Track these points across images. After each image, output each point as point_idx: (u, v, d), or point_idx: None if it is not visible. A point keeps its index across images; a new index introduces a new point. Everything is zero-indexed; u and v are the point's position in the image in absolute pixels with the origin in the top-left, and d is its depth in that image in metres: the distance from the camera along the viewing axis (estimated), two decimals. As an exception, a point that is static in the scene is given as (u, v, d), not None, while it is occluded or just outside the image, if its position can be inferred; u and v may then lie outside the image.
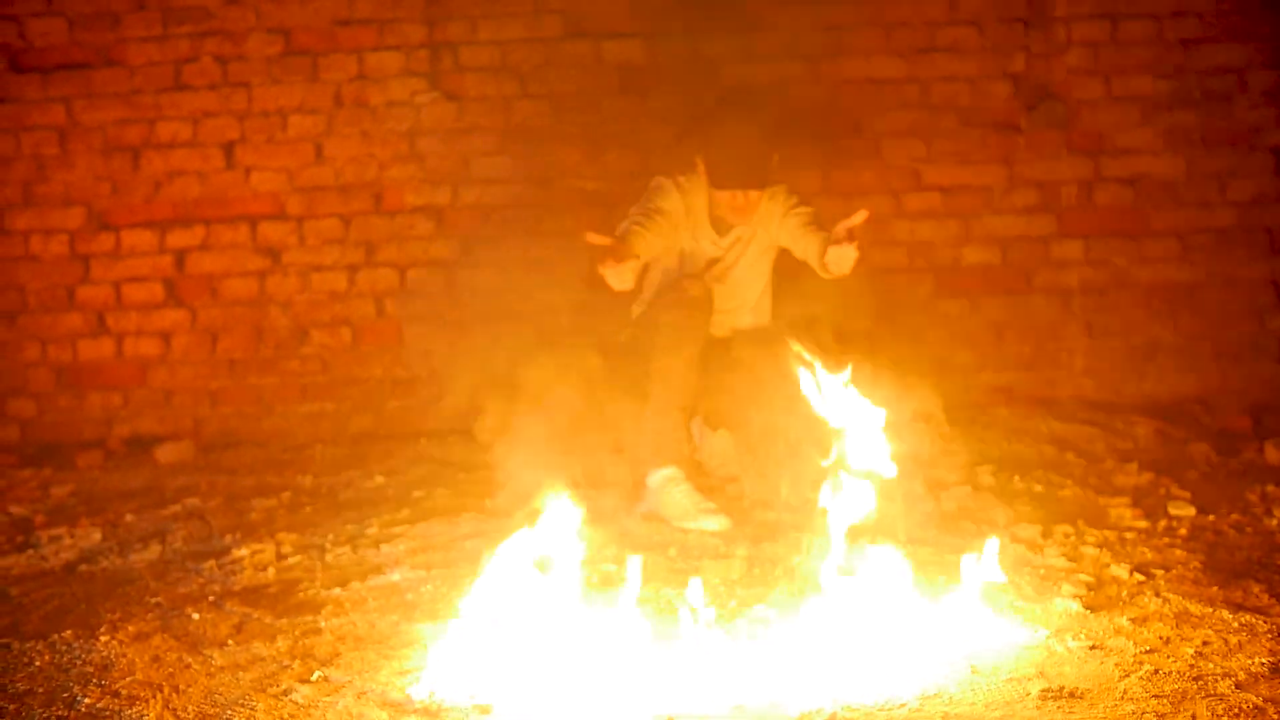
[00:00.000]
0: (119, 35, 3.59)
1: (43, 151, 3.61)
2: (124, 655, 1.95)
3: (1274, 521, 2.50)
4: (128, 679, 1.86)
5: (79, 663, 1.93)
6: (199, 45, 3.59)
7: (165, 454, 3.46)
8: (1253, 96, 3.55)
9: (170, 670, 1.89)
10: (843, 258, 2.52)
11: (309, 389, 3.67)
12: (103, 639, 2.03)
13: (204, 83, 3.60)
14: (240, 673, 1.88)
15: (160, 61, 3.60)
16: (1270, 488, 2.73)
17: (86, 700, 1.77)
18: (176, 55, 3.60)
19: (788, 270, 2.92)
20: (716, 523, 2.60)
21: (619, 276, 2.44)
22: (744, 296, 2.90)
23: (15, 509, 2.99)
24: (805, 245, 2.71)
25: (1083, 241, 3.62)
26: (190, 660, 1.93)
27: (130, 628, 2.08)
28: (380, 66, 3.60)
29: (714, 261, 2.82)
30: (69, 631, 2.07)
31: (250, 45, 3.59)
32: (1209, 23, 3.55)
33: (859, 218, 2.46)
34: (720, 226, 2.80)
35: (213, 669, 1.90)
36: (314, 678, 1.84)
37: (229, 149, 3.62)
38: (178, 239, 3.63)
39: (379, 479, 3.16)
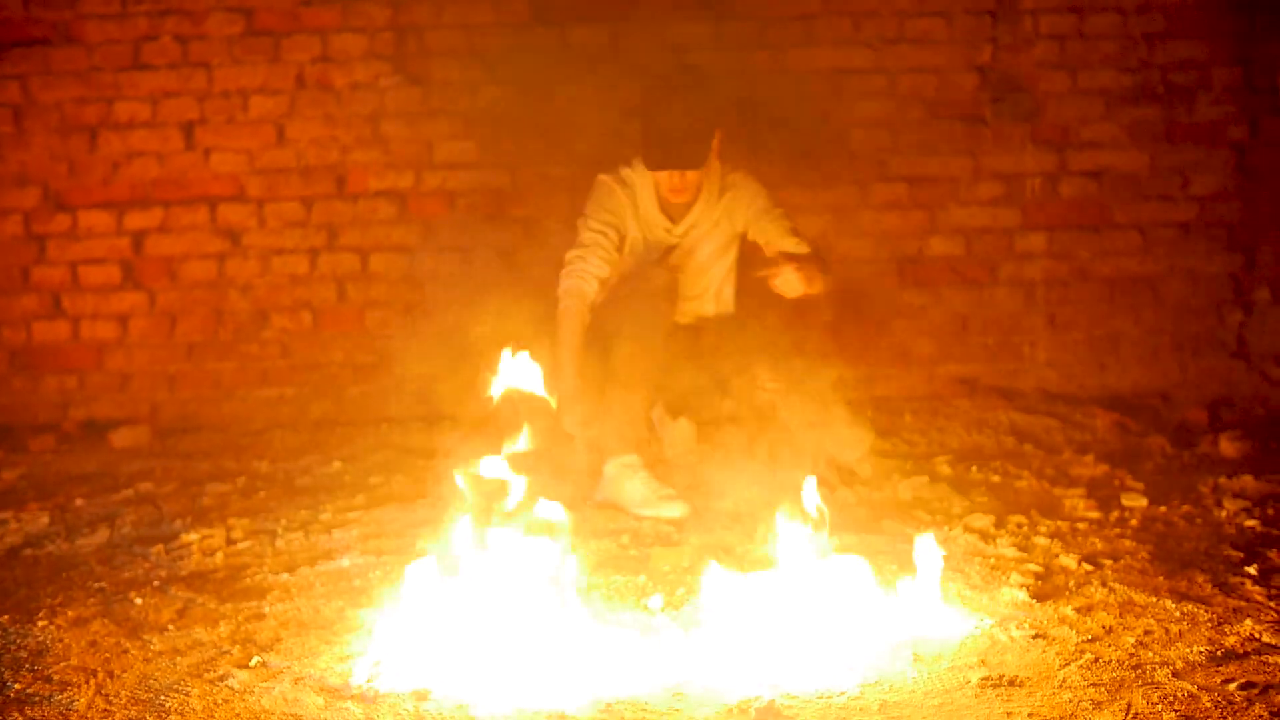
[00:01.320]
0: (77, 12, 3.53)
1: (-3, 130, 3.55)
2: (60, 640, 1.92)
3: (1223, 513, 2.52)
4: (61, 664, 1.83)
5: (13, 647, 1.90)
6: (159, 24, 3.54)
7: (120, 438, 3.42)
8: (1215, 92, 3.57)
9: (106, 655, 1.87)
10: (786, 284, 2.58)
11: (268, 373, 3.63)
12: (40, 624, 2.00)
13: (163, 62, 3.54)
14: (178, 658, 1.85)
15: (119, 40, 3.54)
16: (1222, 480, 2.75)
17: (16, 685, 1.74)
18: (136, 33, 3.54)
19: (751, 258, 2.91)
20: (675, 509, 2.59)
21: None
22: (706, 284, 2.88)
23: (-37, 492, 2.95)
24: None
25: (1046, 234, 3.63)
26: (128, 645, 1.91)
27: (70, 612, 2.05)
28: (344, 48, 3.55)
29: (672, 248, 2.80)
30: (5, 616, 2.03)
31: (211, 24, 3.53)
32: (1173, 18, 3.56)
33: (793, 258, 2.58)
34: (673, 212, 2.78)
35: (150, 654, 1.87)
36: (252, 663, 1.82)
37: (188, 129, 3.57)
38: (136, 220, 3.58)
39: (337, 465, 3.13)
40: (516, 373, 2.24)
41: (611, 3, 3.54)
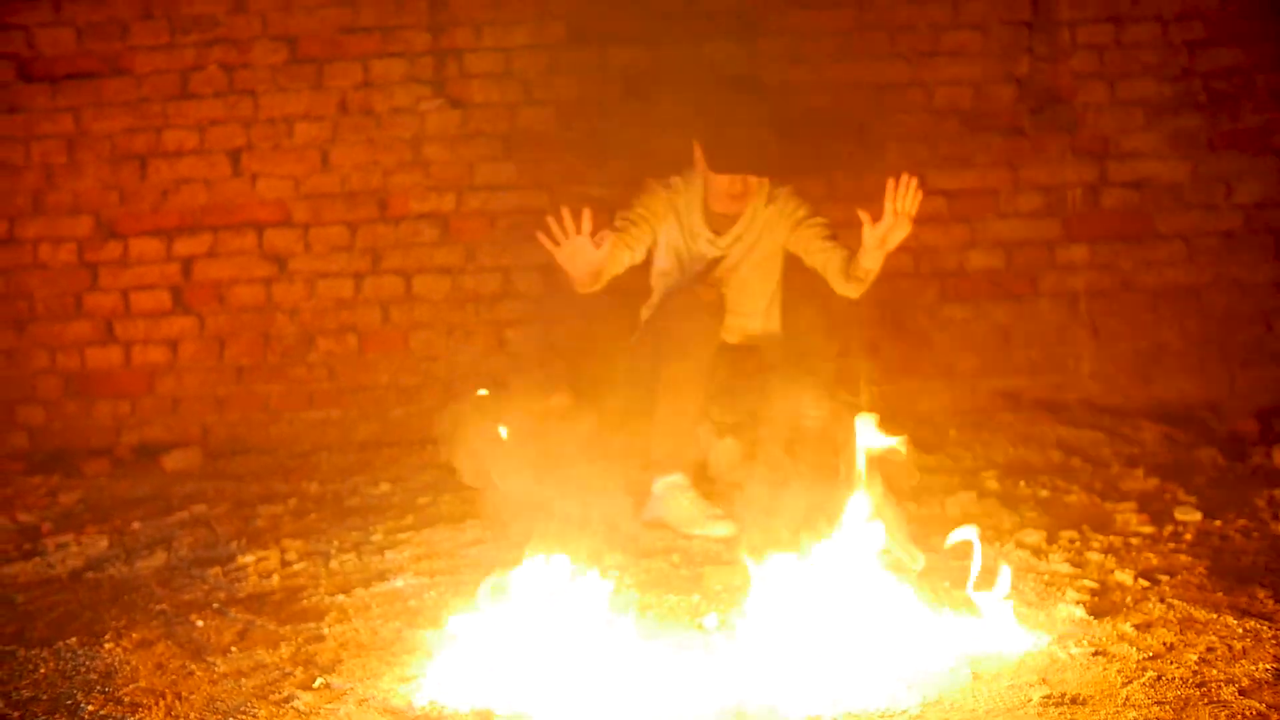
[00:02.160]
0: (127, 44, 3.62)
1: (51, 160, 3.64)
2: (128, 662, 1.96)
3: (1280, 526, 2.48)
4: (131, 686, 1.86)
5: (83, 670, 1.94)
6: (205, 54, 3.62)
7: (172, 461, 3.48)
8: (1259, 99, 3.54)
9: (173, 677, 1.90)
10: (876, 258, 2.57)
11: (315, 396, 3.69)
12: (107, 646, 2.04)
13: (210, 91, 3.62)
14: (243, 680, 1.88)
15: (167, 70, 3.63)
16: (1277, 492, 2.71)
17: (89, 707, 1.78)
18: (183, 64, 3.62)
19: (795, 276, 2.92)
20: (723, 528, 2.59)
21: (576, 250, 2.43)
22: (752, 300, 2.88)
23: (23, 516, 3.01)
24: (825, 259, 2.72)
25: (1088, 245, 3.61)
26: (193, 667, 1.94)
27: (134, 635, 2.09)
28: (385, 73, 3.61)
29: (715, 262, 2.81)
30: (74, 638, 2.08)
31: (256, 53, 3.61)
32: (1214, 25, 3.54)
33: (908, 193, 2.49)
34: (717, 224, 2.79)
35: (215, 676, 1.90)
36: (316, 685, 1.85)
37: (235, 156, 3.64)
38: (185, 247, 3.66)
39: (384, 486, 3.17)
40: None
41: (648, 23, 3.58)
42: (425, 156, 3.63)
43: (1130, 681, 1.74)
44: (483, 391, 2.18)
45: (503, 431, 2.37)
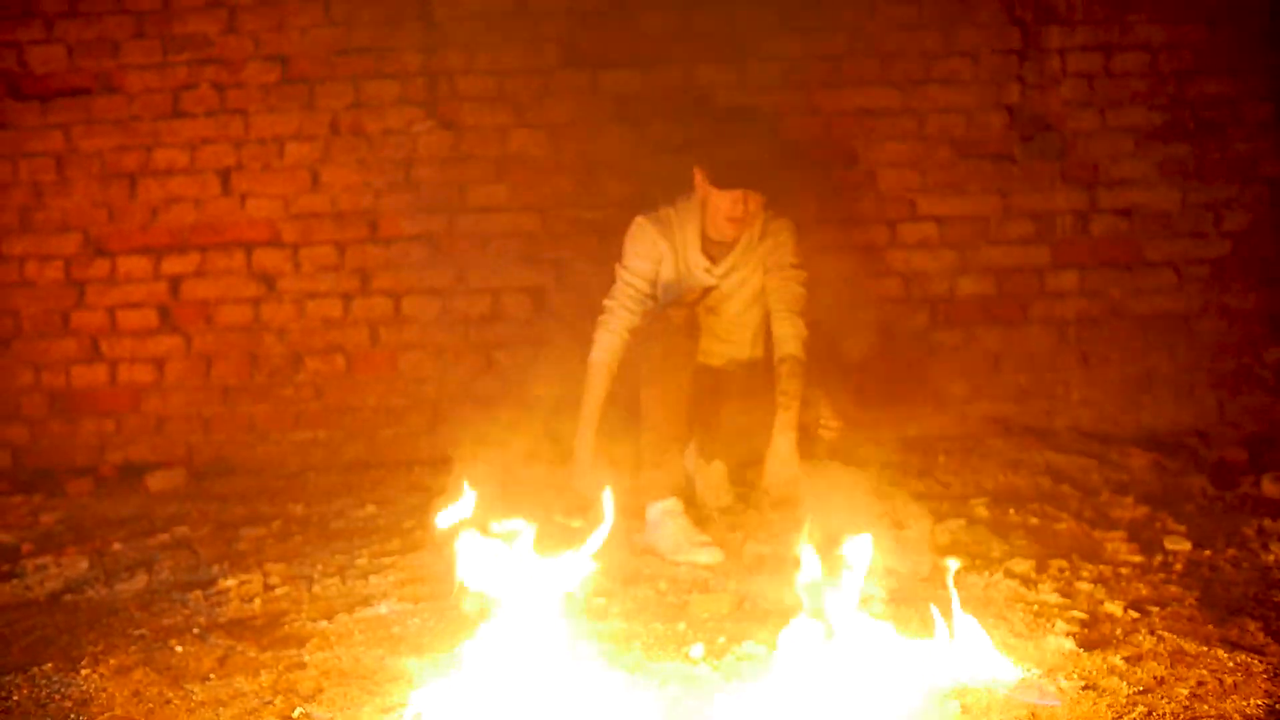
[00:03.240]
0: (118, 62, 3.61)
1: (40, 178, 3.63)
2: (104, 690, 1.93)
3: (1270, 557, 2.47)
4: (106, 714, 1.83)
5: (57, 697, 1.91)
6: (197, 73, 3.61)
7: (157, 481, 3.44)
8: (1247, 128, 3.56)
9: (150, 705, 1.87)
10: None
11: (302, 416, 3.66)
12: (84, 672, 2.00)
13: (201, 110, 3.62)
14: (221, 709, 1.85)
15: (158, 89, 3.62)
16: (1267, 522, 2.71)
17: (64, 736, 1.75)
18: (175, 82, 3.62)
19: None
20: (708, 555, 2.57)
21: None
22: (741, 331, 2.89)
23: (3, 536, 2.97)
24: (773, 323, 2.78)
25: (1078, 272, 3.61)
26: (171, 695, 1.91)
27: (112, 660, 2.06)
28: (377, 95, 3.61)
29: (708, 290, 2.81)
30: (49, 664, 2.04)
31: (248, 73, 3.61)
32: (1202, 55, 3.56)
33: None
34: (713, 251, 2.80)
35: (193, 704, 1.87)
36: (295, 714, 1.82)
37: (225, 176, 3.63)
38: (173, 265, 3.64)
39: (371, 508, 3.14)
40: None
41: (639, 47, 3.59)
42: (416, 178, 3.63)
43: (1120, 717, 1.72)
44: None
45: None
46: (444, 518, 2.00)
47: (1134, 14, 3.56)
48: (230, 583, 2.51)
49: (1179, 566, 2.45)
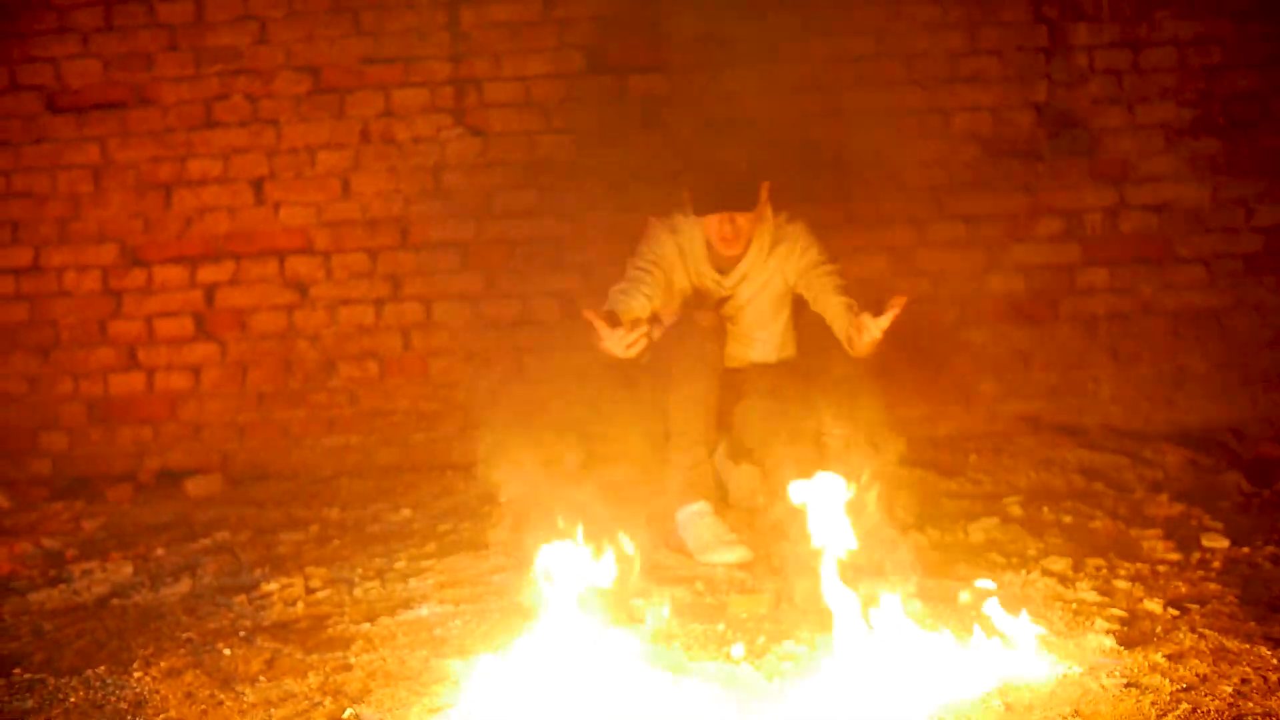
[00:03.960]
0: (152, 75, 3.67)
1: (78, 189, 3.69)
2: (157, 692, 1.96)
3: (1309, 553, 2.46)
4: (161, 716, 1.87)
5: (113, 699, 1.95)
6: (229, 84, 3.66)
7: (194, 487, 3.50)
8: (1276, 121, 3.54)
9: (203, 707, 1.91)
10: (864, 346, 2.54)
11: (336, 422, 3.71)
12: (136, 675, 2.04)
13: (234, 120, 3.67)
14: (272, 709, 1.88)
15: (192, 100, 3.67)
16: (1305, 517, 2.69)
17: (121, 738, 1.79)
18: (208, 93, 3.67)
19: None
20: (734, 554, 2.58)
21: (618, 344, 2.44)
22: (764, 336, 2.89)
23: (47, 542, 3.02)
24: (832, 314, 2.70)
25: (1108, 269, 3.60)
26: (223, 697, 1.94)
27: (162, 663, 2.10)
28: (406, 103, 3.65)
29: (724, 300, 2.82)
30: (102, 667, 2.08)
31: (279, 83, 3.66)
32: (1231, 49, 3.55)
33: (893, 312, 2.43)
34: (721, 263, 2.81)
35: (245, 706, 1.91)
36: (346, 715, 1.85)
37: (258, 185, 3.68)
38: (208, 274, 3.69)
39: (406, 512, 3.18)
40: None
41: (666, 52, 3.61)
42: (446, 184, 3.66)
43: (1165, 714, 1.72)
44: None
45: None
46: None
47: (1161, 10, 3.55)
48: (272, 586, 2.55)
49: (1217, 564, 2.44)
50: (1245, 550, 2.51)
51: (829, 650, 1.95)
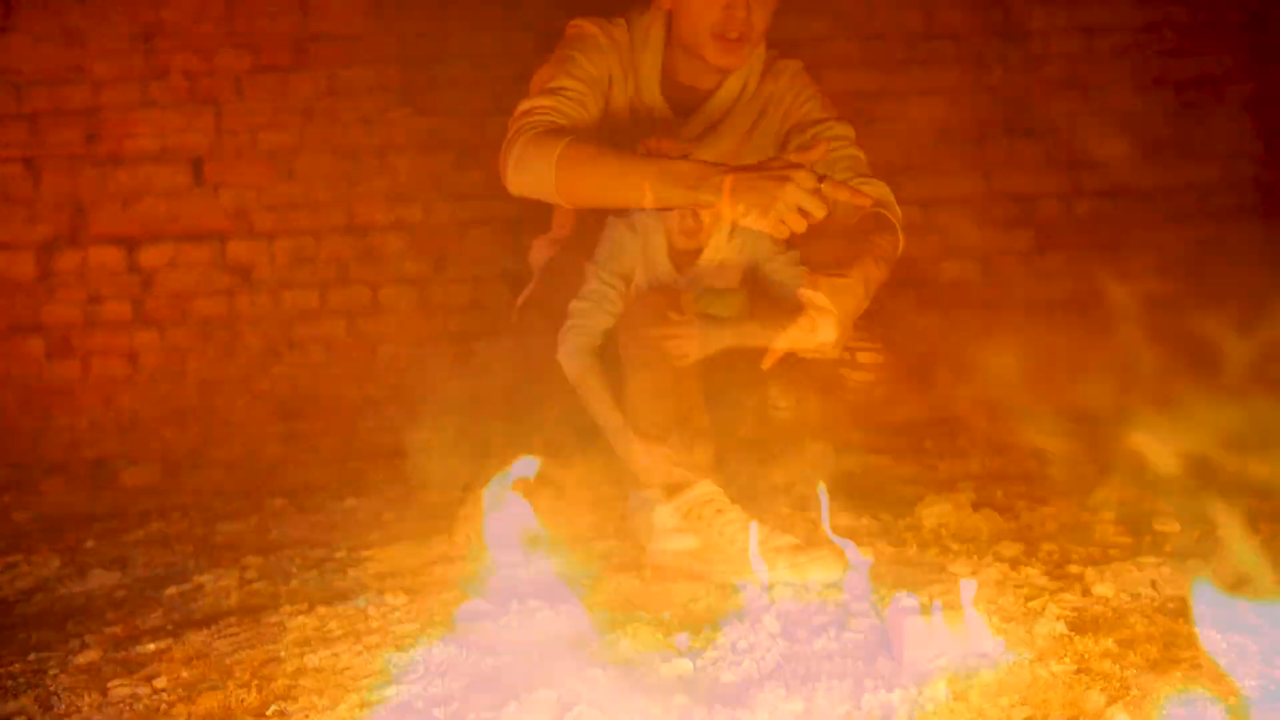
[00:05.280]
0: (86, 51, 3.54)
1: (7, 170, 3.55)
2: (72, 690, 1.87)
3: (1259, 537, 2.45)
4: (74, 717, 1.77)
5: (25, 699, 1.85)
6: (167, 61, 3.54)
7: (131, 477, 3.38)
8: (1231, 108, 3.55)
9: (119, 706, 1.81)
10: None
11: (279, 409, 3.60)
12: (51, 673, 1.94)
13: (172, 100, 3.55)
14: (193, 706, 1.80)
15: (128, 78, 3.55)
16: (1254, 503, 2.69)
17: (28, 739, 1.69)
18: (145, 71, 3.54)
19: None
20: (684, 542, 2.53)
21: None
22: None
23: (-28, 536, 2.90)
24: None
25: (1063, 254, 3.59)
26: (143, 693, 1.85)
27: (81, 660, 2.00)
28: (350, 82, 3.55)
29: (691, 254, 2.75)
30: (15, 665, 1.98)
31: (219, 61, 3.54)
32: (1185, 36, 3.55)
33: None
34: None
35: (164, 704, 1.81)
36: (269, 712, 1.77)
37: (198, 166, 3.56)
38: (146, 257, 3.57)
39: (350, 501, 3.09)
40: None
41: (618, 31, 3.53)
42: (392, 166, 3.57)
43: (1115, 701, 1.69)
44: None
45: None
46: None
47: (1116, -6, 3.55)
48: (206, 578, 2.45)
49: (1168, 548, 2.43)
50: (1196, 534, 2.49)
51: (774, 638, 1.90)
